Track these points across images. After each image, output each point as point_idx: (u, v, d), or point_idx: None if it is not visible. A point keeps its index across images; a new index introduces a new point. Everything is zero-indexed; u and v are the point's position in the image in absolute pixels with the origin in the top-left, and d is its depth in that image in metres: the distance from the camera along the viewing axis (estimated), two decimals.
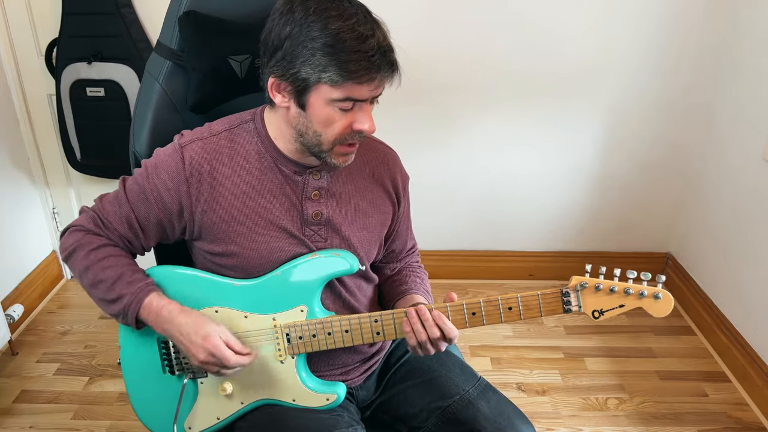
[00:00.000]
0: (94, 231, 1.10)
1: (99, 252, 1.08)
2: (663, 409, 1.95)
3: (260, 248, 1.09)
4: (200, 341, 1.02)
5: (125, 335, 1.14)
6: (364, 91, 0.98)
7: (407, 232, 1.30)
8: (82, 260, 1.08)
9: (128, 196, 1.10)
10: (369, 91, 0.98)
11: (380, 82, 0.98)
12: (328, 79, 0.96)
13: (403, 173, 1.23)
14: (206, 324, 1.04)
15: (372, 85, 0.98)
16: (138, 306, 1.05)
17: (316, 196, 1.11)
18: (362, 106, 1.00)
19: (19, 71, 2.26)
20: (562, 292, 1.05)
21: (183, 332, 1.03)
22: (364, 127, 1.01)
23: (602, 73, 2.24)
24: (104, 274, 1.06)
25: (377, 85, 0.98)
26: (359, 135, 1.02)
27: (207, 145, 1.08)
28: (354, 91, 0.97)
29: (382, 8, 2.26)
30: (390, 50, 0.99)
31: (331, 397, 1.11)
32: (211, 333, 1.02)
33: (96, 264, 1.07)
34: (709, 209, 2.30)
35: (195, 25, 1.19)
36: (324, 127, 1.01)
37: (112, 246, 1.10)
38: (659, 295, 1.03)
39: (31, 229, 2.43)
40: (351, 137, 1.02)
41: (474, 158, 2.39)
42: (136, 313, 1.05)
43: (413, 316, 1.05)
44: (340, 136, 1.01)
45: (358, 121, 1.00)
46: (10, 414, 1.91)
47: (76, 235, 1.10)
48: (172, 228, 1.11)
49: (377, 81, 0.97)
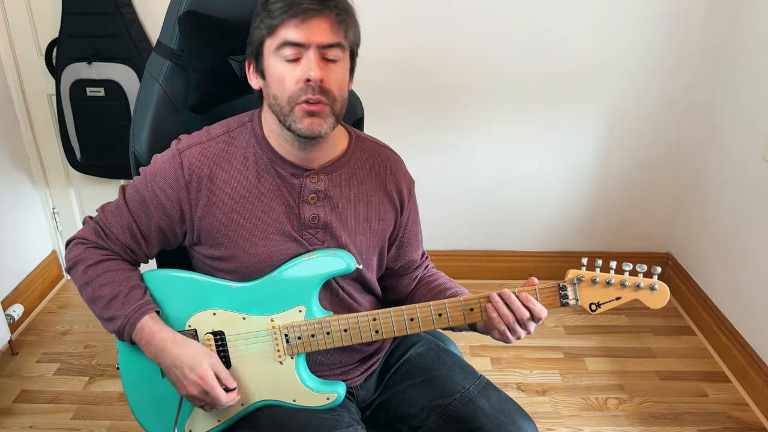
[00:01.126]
0: (95, 243, 1.10)
1: (98, 267, 1.08)
2: (663, 409, 1.95)
3: (259, 252, 1.08)
4: (195, 379, 1.03)
5: None
6: (296, 32, 0.97)
7: (418, 237, 1.27)
8: (81, 275, 1.09)
9: (129, 206, 1.10)
10: (298, 29, 0.96)
11: (307, 19, 0.96)
12: (265, 28, 0.98)
13: (407, 178, 1.21)
14: (201, 359, 1.04)
15: (298, 20, 0.96)
16: (132, 329, 1.05)
17: (314, 200, 1.10)
18: (308, 54, 0.98)
19: (19, 71, 2.26)
20: (559, 285, 1.05)
21: (177, 365, 1.04)
22: (309, 73, 0.97)
23: (602, 73, 2.24)
24: (101, 291, 1.07)
25: (304, 21, 0.96)
26: (311, 87, 0.98)
27: (205, 149, 1.08)
28: (287, 33, 0.97)
29: (382, 8, 2.26)
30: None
31: (331, 396, 1.11)
32: (207, 371, 1.04)
33: (94, 280, 1.07)
34: (709, 209, 2.30)
35: (195, 25, 1.19)
36: (278, 86, 1.00)
37: (112, 260, 1.10)
38: (655, 287, 1.03)
39: (31, 229, 2.43)
40: (304, 90, 0.98)
41: (474, 158, 2.39)
42: (131, 335, 1.06)
43: (497, 301, 1.04)
44: (293, 91, 0.99)
45: (304, 70, 0.98)
46: (10, 414, 1.91)
47: (78, 249, 1.10)
48: (174, 234, 1.11)
49: (302, 16, 0.96)
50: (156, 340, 1.05)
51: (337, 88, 1.01)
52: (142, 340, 1.06)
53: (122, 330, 1.06)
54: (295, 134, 1.03)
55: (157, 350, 1.05)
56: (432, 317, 1.07)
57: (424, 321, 1.07)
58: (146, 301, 1.07)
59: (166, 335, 1.05)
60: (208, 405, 1.06)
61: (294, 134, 1.03)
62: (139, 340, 1.06)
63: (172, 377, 1.06)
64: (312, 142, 1.05)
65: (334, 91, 1.01)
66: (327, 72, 0.99)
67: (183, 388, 1.05)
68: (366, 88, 1.57)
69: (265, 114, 1.09)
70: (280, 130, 1.06)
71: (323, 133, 1.02)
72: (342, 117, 1.06)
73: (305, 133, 1.01)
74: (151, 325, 1.06)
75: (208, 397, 1.04)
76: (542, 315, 1.04)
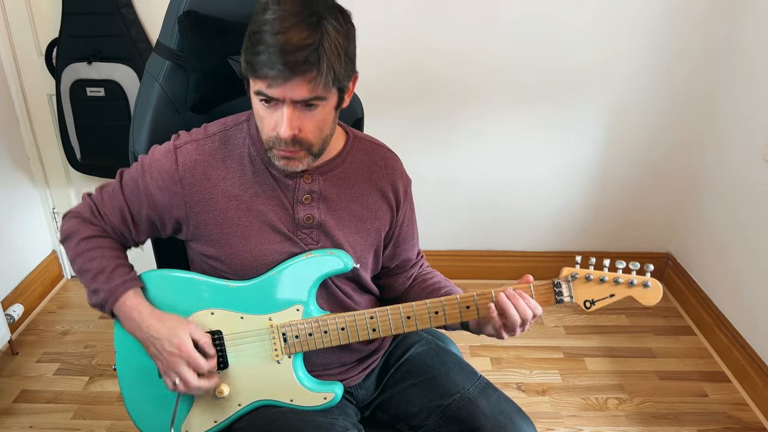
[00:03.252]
0: (89, 220, 1.12)
1: (89, 242, 1.10)
2: (663, 409, 1.95)
3: (254, 250, 1.09)
4: (173, 349, 1.03)
5: (120, 339, 1.13)
6: (269, 90, 0.93)
7: (414, 236, 1.27)
8: (73, 248, 1.11)
9: (123, 190, 1.11)
10: (270, 89, 0.93)
11: (275, 84, 0.91)
12: (246, 70, 0.96)
13: (404, 177, 1.21)
14: (178, 330, 1.05)
15: (266, 83, 0.92)
16: (114, 302, 1.07)
17: (308, 200, 1.10)
18: (281, 108, 0.95)
19: (19, 71, 2.26)
20: (554, 283, 1.06)
21: (155, 337, 1.05)
22: (278, 130, 0.95)
23: (602, 73, 2.24)
24: (89, 265, 1.09)
25: (273, 85, 0.92)
26: (284, 141, 0.96)
27: (201, 146, 1.09)
28: (261, 86, 0.94)
29: (382, 8, 2.26)
30: (295, 51, 0.89)
31: (328, 396, 1.11)
32: (185, 341, 1.04)
33: (84, 254, 1.09)
34: (709, 209, 2.30)
35: (195, 25, 1.19)
36: (259, 123, 1.01)
37: (103, 237, 1.11)
38: (648, 284, 1.04)
39: (31, 229, 2.43)
40: (278, 141, 0.97)
41: (474, 158, 2.39)
42: (112, 308, 1.07)
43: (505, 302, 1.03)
44: (269, 136, 0.99)
45: (277, 122, 0.96)
46: (10, 414, 1.91)
47: (72, 222, 1.12)
48: (163, 226, 1.12)
49: (269, 80, 0.91)
50: (135, 314, 1.06)
51: (313, 134, 0.99)
52: (123, 314, 1.07)
53: (105, 303, 1.07)
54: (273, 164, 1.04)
55: (134, 324, 1.06)
56: (428, 315, 1.07)
57: (420, 319, 1.07)
58: (131, 278, 1.09)
59: (144, 309, 1.07)
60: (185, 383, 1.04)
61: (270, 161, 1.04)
62: (119, 313, 1.07)
63: (151, 351, 1.06)
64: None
65: (309, 139, 0.99)
66: (303, 121, 0.96)
67: (162, 359, 1.05)
68: (366, 88, 1.57)
69: None
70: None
71: (300, 170, 1.04)
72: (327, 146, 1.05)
73: (282, 170, 1.04)
74: (132, 299, 1.07)
75: (185, 371, 1.03)
76: (538, 312, 1.04)
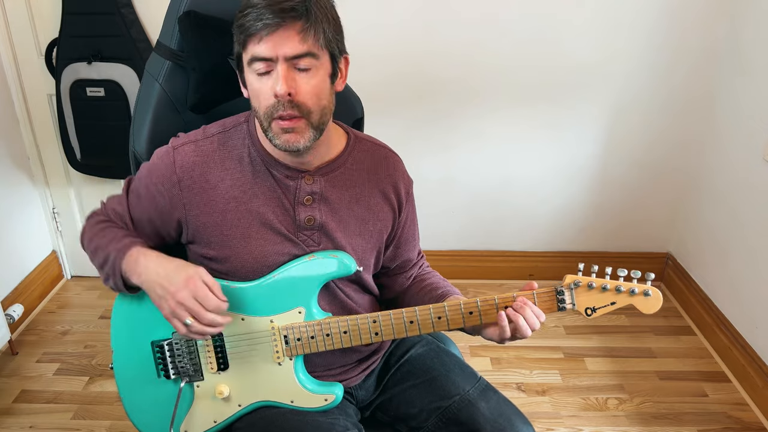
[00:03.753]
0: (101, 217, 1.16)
1: (102, 224, 1.13)
2: (663, 409, 1.95)
3: (254, 252, 1.08)
4: (181, 281, 0.99)
5: (117, 339, 1.13)
6: (261, 47, 0.95)
7: (415, 237, 1.26)
8: (87, 232, 1.14)
9: (128, 197, 1.13)
10: (262, 44, 0.95)
11: (269, 33, 0.94)
12: (239, 45, 0.98)
13: (405, 178, 1.20)
14: (187, 266, 1.02)
15: (259, 36, 0.94)
16: (122, 256, 1.05)
17: (309, 201, 1.10)
18: (276, 68, 0.96)
19: (19, 71, 2.26)
20: (557, 290, 1.07)
21: (161, 275, 1.01)
22: (275, 88, 0.96)
23: (601, 72, 2.24)
24: (100, 241, 1.09)
25: (268, 36, 0.94)
26: (282, 103, 0.97)
27: (199, 147, 1.09)
28: (254, 48, 0.96)
29: (383, 8, 2.26)
30: (282, 1, 0.94)
31: (329, 397, 1.11)
32: (194, 274, 1.00)
33: (97, 235, 1.11)
34: (709, 209, 2.30)
35: (195, 25, 1.19)
36: (255, 100, 1.01)
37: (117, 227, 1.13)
38: (649, 293, 1.06)
39: (31, 229, 2.43)
40: (276, 107, 0.97)
41: (474, 158, 2.39)
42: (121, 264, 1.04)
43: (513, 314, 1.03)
44: (267, 105, 0.98)
45: (272, 84, 0.96)
46: (10, 414, 1.91)
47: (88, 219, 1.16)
48: (167, 231, 1.12)
49: (263, 31, 0.94)
50: (142, 258, 1.04)
51: (311, 100, 0.99)
52: (130, 264, 1.04)
53: (114, 260, 1.05)
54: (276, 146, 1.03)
55: (141, 267, 1.03)
56: (431, 320, 1.07)
57: (423, 324, 1.07)
58: (140, 240, 1.09)
59: (152, 253, 1.05)
60: (197, 314, 0.98)
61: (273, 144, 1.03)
62: (127, 267, 1.04)
63: (158, 291, 1.00)
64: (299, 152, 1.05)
65: (307, 104, 0.98)
66: (298, 84, 0.97)
67: (169, 297, 0.99)
68: (366, 88, 1.57)
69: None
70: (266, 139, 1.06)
71: (302, 147, 1.01)
72: (326, 125, 1.04)
73: (283, 147, 1.01)
74: (139, 249, 1.06)
75: (195, 303, 0.98)
76: (542, 319, 1.05)
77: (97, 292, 2.52)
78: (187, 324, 0.99)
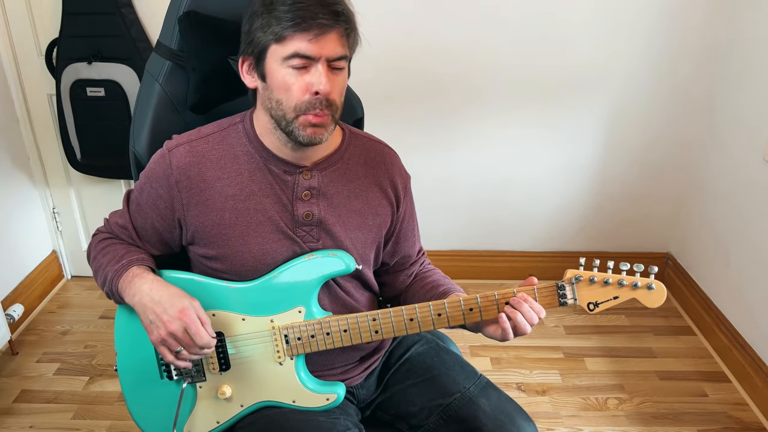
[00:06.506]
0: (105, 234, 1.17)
1: (104, 242, 1.14)
2: (663, 409, 1.95)
3: (253, 250, 1.08)
4: (175, 313, 1.00)
5: (121, 340, 1.14)
6: (307, 44, 0.97)
7: (414, 233, 1.27)
8: (92, 251, 1.15)
9: (129, 209, 1.14)
10: (311, 43, 0.96)
11: (320, 33, 0.96)
12: (273, 35, 0.98)
13: (402, 173, 1.21)
14: (182, 297, 1.02)
15: (311, 35, 0.96)
16: (119, 276, 1.06)
17: (307, 197, 1.10)
18: (316, 66, 0.98)
19: (19, 71, 2.26)
20: (558, 285, 1.06)
21: (156, 301, 1.01)
22: (319, 87, 0.98)
23: (602, 72, 2.24)
24: (102, 260, 1.10)
25: (318, 36, 0.96)
26: (319, 100, 0.99)
27: (194, 147, 1.09)
28: (298, 45, 0.97)
29: (383, 8, 2.26)
30: (333, 3, 0.98)
31: (331, 397, 1.11)
32: (188, 307, 1.01)
33: (99, 253, 1.12)
34: (709, 209, 2.30)
35: (195, 25, 1.19)
36: (283, 92, 1.00)
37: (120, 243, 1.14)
38: (652, 286, 1.04)
39: (31, 229, 2.43)
40: (312, 104, 0.99)
41: (474, 158, 2.39)
42: (118, 284, 1.06)
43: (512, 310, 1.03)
44: (300, 101, 1.00)
45: (313, 82, 0.98)
46: (10, 414, 1.91)
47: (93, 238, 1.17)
48: (170, 236, 1.12)
49: (315, 30, 0.96)
50: (137, 280, 1.04)
51: (339, 98, 1.04)
52: (125, 285, 1.05)
53: (111, 280, 1.06)
54: (295, 140, 1.04)
55: (135, 288, 1.04)
56: (431, 317, 1.07)
57: (423, 321, 1.07)
58: (139, 258, 1.08)
59: (149, 275, 1.05)
60: (186, 347, 1.00)
61: (292, 140, 1.04)
62: (123, 285, 1.05)
63: (149, 317, 1.01)
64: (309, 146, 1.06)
65: (337, 101, 1.03)
66: (333, 83, 1.00)
67: (161, 325, 1.00)
68: (366, 88, 1.57)
69: (258, 113, 1.09)
70: (274, 130, 1.06)
71: (324, 140, 1.05)
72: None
73: (307, 141, 1.03)
74: (136, 270, 1.06)
75: (186, 336, 0.99)
76: (542, 315, 1.04)
77: (97, 292, 2.52)
78: (176, 353, 1.02)
